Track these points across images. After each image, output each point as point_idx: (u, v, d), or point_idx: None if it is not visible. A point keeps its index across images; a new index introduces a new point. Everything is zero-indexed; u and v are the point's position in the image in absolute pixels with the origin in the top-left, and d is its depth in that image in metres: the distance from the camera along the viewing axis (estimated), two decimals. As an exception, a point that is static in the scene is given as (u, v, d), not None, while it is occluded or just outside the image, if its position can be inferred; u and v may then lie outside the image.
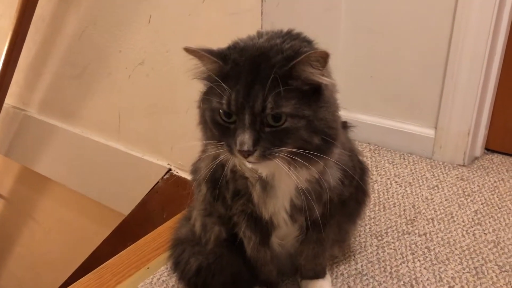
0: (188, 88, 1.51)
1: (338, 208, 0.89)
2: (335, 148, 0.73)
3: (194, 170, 0.97)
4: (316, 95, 0.69)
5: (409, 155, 1.54)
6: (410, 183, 1.39)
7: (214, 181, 0.87)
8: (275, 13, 1.24)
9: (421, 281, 1.01)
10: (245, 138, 0.66)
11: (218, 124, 0.70)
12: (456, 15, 1.35)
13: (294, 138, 0.68)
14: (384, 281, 1.01)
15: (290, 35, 0.73)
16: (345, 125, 0.92)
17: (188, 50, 0.70)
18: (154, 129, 1.65)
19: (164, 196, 1.68)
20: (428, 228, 1.18)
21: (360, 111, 1.61)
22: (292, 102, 0.66)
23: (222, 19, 1.30)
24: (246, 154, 0.67)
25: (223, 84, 0.67)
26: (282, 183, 0.78)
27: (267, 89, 0.65)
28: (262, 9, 1.20)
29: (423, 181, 1.39)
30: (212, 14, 1.30)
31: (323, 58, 0.66)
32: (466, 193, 1.33)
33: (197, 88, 1.44)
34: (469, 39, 1.35)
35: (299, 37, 0.74)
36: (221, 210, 0.89)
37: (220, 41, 1.33)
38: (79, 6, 1.69)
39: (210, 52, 0.70)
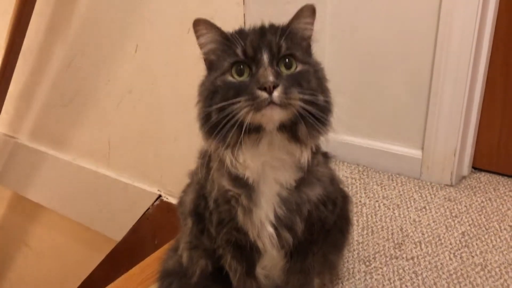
0: (175, 116, 1.54)
1: (321, 236, 0.90)
2: (331, 116, 0.76)
3: (180, 203, 0.98)
4: (311, 53, 0.79)
5: (397, 176, 1.55)
6: (398, 205, 1.39)
7: (198, 215, 0.89)
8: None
9: (409, 307, 1.01)
10: (268, 72, 0.69)
11: (231, 85, 0.71)
12: (438, 37, 1.37)
13: (306, 84, 0.72)
14: (372, 309, 1.01)
15: None
16: (326, 155, 0.93)
17: (198, 21, 0.74)
18: (144, 156, 1.66)
19: (155, 223, 1.68)
20: (415, 252, 1.18)
21: (348, 132, 1.63)
22: (299, 50, 0.75)
23: (207, 49, 1.31)
24: (271, 86, 0.67)
25: (236, 39, 0.72)
26: (266, 188, 0.79)
27: (278, 36, 0.72)
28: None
29: (411, 203, 1.40)
30: (196, 44, 1.32)
31: (312, 10, 0.77)
32: (453, 214, 1.33)
33: (185, 116, 1.47)
34: (452, 60, 1.37)
35: None
36: (207, 243, 0.91)
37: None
38: (66, 37, 1.70)
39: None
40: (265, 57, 0.71)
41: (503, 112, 1.46)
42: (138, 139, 1.63)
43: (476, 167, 1.55)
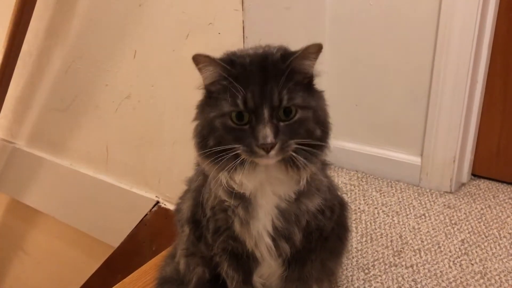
0: (174, 121, 1.53)
1: (319, 244, 0.89)
2: (329, 140, 0.77)
3: (177, 210, 0.98)
4: (313, 88, 0.76)
5: (397, 182, 1.55)
6: (397, 212, 1.39)
7: (195, 222, 0.89)
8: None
9: (408, 316, 1.00)
10: (267, 132, 0.69)
11: (229, 129, 0.71)
12: (437, 43, 1.37)
13: (303, 129, 0.72)
14: (370, 317, 1.00)
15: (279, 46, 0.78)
16: (323, 162, 0.92)
17: (198, 56, 0.72)
18: (142, 161, 1.65)
19: (153, 229, 1.67)
20: (415, 260, 1.18)
21: (347, 139, 1.62)
22: (300, 94, 0.72)
23: (206, 55, 1.31)
24: (269, 147, 0.69)
25: (236, 85, 0.70)
26: (264, 201, 0.78)
27: (280, 85, 0.70)
28: (244, 45, 1.21)
29: (410, 210, 1.39)
30: (195, 49, 1.31)
31: (319, 49, 0.72)
32: (453, 222, 1.33)
33: (183, 121, 1.46)
34: (451, 67, 1.37)
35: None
36: (204, 250, 0.90)
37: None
38: (65, 41, 1.70)
39: (220, 58, 0.73)
40: (266, 112, 0.69)
41: (502, 119, 1.46)
42: (136, 144, 1.63)
43: (475, 174, 1.55)
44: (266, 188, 0.78)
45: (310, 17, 1.50)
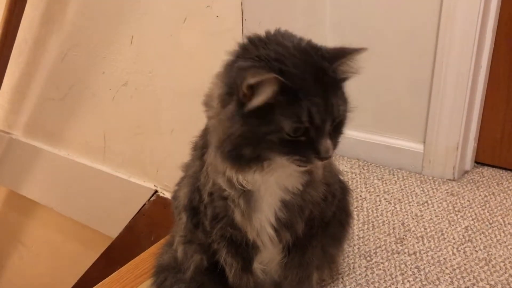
0: (172, 109, 1.50)
1: (320, 230, 0.87)
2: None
3: (174, 197, 0.95)
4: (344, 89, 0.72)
5: (399, 170, 1.52)
6: (399, 199, 1.36)
7: (193, 209, 0.86)
8: (257, 32, 1.23)
9: (411, 303, 0.98)
10: (328, 145, 0.67)
11: (283, 142, 0.66)
12: (440, 29, 1.34)
13: (342, 132, 0.72)
14: (373, 305, 0.98)
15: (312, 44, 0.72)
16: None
17: (251, 84, 0.62)
18: (140, 150, 1.63)
19: (152, 219, 1.65)
20: (418, 247, 1.15)
21: (349, 126, 1.58)
22: (346, 101, 0.71)
23: (204, 39, 1.28)
24: (326, 159, 0.68)
25: (300, 100, 0.64)
26: (268, 193, 0.76)
27: (338, 96, 0.68)
28: (243, 29, 1.19)
29: (412, 197, 1.37)
30: (193, 34, 1.29)
31: (360, 54, 0.70)
32: (456, 209, 1.30)
33: (181, 109, 1.43)
34: (454, 53, 1.34)
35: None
36: (202, 238, 0.88)
37: (202, 61, 1.33)
38: (61, 29, 1.67)
39: (273, 73, 0.63)
40: (328, 126, 0.67)
41: (506, 106, 1.44)
42: (134, 133, 1.60)
43: (478, 162, 1.53)
44: (272, 182, 0.75)
45: (310, 0, 1.47)
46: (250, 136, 0.66)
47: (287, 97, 0.64)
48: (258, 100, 0.63)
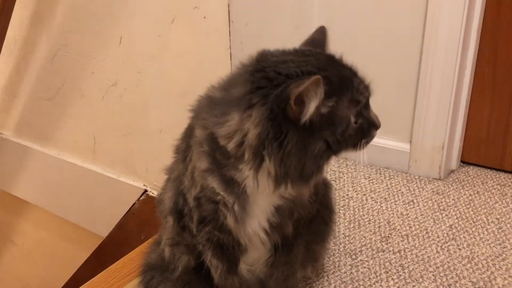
0: (161, 109, 1.52)
1: (304, 227, 0.88)
2: None
3: (159, 201, 0.95)
4: None
5: (386, 169, 1.54)
6: (385, 198, 1.38)
7: (179, 212, 0.86)
8: (243, 33, 1.24)
9: (395, 301, 1.00)
10: (375, 114, 0.75)
11: (355, 128, 0.72)
12: (426, 29, 1.36)
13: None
14: (357, 302, 1.00)
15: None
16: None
17: (299, 94, 0.62)
18: (129, 150, 1.64)
19: (141, 218, 1.66)
20: (402, 245, 1.17)
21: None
22: None
23: (192, 40, 1.30)
24: (380, 126, 0.76)
25: (349, 86, 0.70)
26: (263, 199, 0.76)
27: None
28: (229, 30, 1.20)
29: (398, 196, 1.39)
30: (181, 35, 1.30)
31: None
32: (441, 208, 1.32)
33: (170, 109, 1.44)
34: (440, 53, 1.36)
35: None
36: (189, 239, 0.88)
37: (190, 61, 1.34)
38: (50, 29, 1.67)
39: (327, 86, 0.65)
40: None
41: (491, 106, 1.45)
42: (124, 133, 1.61)
43: (464, 161, 1.54)
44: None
45: (297, 1, 1.48)
46: (341, 143, 0.70)
47: (334, 91, 0.68)
48: (312, 106, 0.63)
